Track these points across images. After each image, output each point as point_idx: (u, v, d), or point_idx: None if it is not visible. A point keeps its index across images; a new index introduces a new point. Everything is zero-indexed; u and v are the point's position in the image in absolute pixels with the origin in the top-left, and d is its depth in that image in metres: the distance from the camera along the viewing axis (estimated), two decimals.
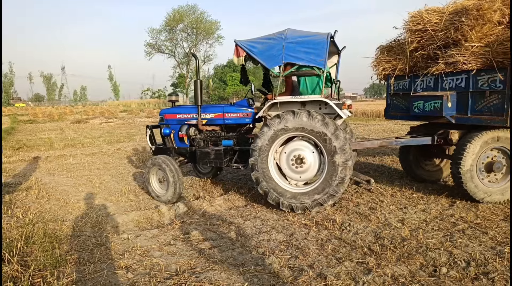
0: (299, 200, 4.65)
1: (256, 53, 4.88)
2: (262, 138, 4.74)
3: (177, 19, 54.01)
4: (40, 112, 32.02)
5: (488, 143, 4.84)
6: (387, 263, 3.23)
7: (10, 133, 16.50)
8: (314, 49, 4.64)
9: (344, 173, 4.49)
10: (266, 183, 4.76)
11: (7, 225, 4.27)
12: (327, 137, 4.46)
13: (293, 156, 4.74)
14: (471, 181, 4.84)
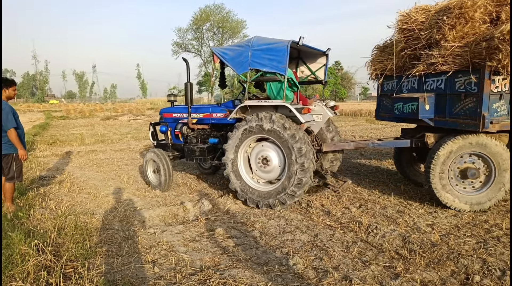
0: (263, 198, 4.93)
1: (227, 59, 5.17)
2: (232, 138, 5.08)
3: (203, 18, 54.65)
4: (72, 109, 33.35)
5: (462, 149, 4.61)
6: (416, 268, 3.12)
7: (45, 128, 17.27)
8: (276, 56, 4.80)
9: (302, 174, 4.66)
10: (236, 181, 5.11)
11: (41, 216, 4.47)
12: (287, 139, 4.67)
13: (260, 157, 5.04)
14: (441, 186, 4.67)
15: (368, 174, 6.89)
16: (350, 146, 5.68)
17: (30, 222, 4.28)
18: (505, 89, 4.31)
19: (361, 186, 5.96)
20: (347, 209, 4.78)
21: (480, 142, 4.54)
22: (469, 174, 4.62)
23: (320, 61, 6.15)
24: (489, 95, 4.28)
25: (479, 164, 4.66)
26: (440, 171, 4.66)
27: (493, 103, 4.37)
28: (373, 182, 6.21)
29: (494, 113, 4.39)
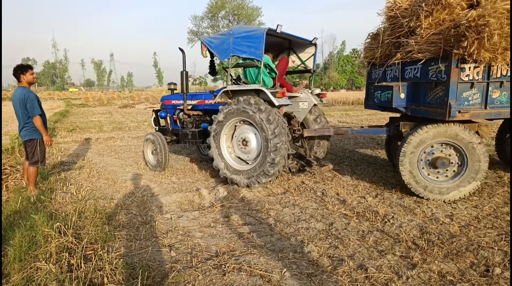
0: (241, 176, 5.26)
1: (213, 47, 5.53)
2: (215, 121, 5.44)
3: (219, 6, 54.22)
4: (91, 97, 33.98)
5: (432, 138, 4.57)
6: (434, 259, 3.07)
7: (65, 115, 17.69)
8: (253, 42, 5.06)
9: (275, 154, 4.92)
10: (219, 160, 5.47)
11: (62, 200, 4.61)
12: (262, 122, 4.94)
13: (240, 138, 5.36)
14: (410, 174, 4.66)
15: (385, 163, 6.79)
16: (330, 132, 5.88)
17: (52, 205, 4.41)
18: (477, 78, 4.21)
19: (377, 176, 5.88)
20: (363, 198, 4.73)
21: (450, 132, 4.49)
22: (439, 163, 4.58)
23: (309, 51, 6.38)
24: (457, 84, 4.23)
25: (451, 153, 4.62)
26: (410, 160, 4.65)
27: (463, 91, 4.30)
28: (390, 172, 6.12)
29: (465, 102, 4.32)
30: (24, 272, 2.76)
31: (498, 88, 4.31)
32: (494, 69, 4.19)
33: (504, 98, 4.33)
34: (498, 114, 4.39)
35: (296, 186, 5.37)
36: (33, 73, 4.78)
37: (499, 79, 4.25)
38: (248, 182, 5.18)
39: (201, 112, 6.37)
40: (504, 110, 4.35)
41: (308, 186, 5.33)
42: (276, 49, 6.60)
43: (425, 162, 4.72)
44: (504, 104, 4.35)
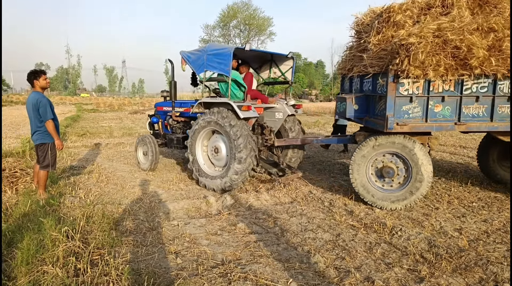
0: (211, 181, 5.65)
1: (190, 61, 5.97)
2: (192, 128, 5.92)
3: (231, 15, 54.87)
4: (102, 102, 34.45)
5: (378, 148, 4.79)
6: (442, 273, 3.03)
7: (76, 120, 17.94)
8: (223, 59, 5.50)
9: (239, 167, 5.30)
10: (193, 163, 5.92)
11: (71, 204, 4.66)
12: (227, 131, 5.35)
13: (212, 146, 5.81)
14: (360, 183, 4.87)
15: None
16: (298, 141, 6.23)
17: (61, 209, 4.47)
18: (417, 92, 4.42)
19: None
20: (370, 210, 4.69)
21: (397, 143, 4.69)
22: (385, 173, 4.77)
23: (288, 63, 6.85)
24: (395, 98, 4.44)
25: (398, 164, 4.79)
26: (358, 169, 4.87)
27: (403, 105, 4.51)
28: None
29: (404, 115, 4.53)
30: (31, 276, 2.79)
31: (440, 102, 4.49)
32: (435, 84, 4.38)
33: (447, 112, 4.51)
34: (440, 127, 4.56)
35: (304, 195, 5.35)
36: (46, 78, 4.88)
37: (440, 94, 4.43)
38: (216, 187, 5.58)
39: (188, 119, 6.77)
40: (445, 124, 4.52)
41: (315, 196, 5.31)
42: (259, 61, 7.18)
43: (373, 171, 4.94)
44: (448, 118, 4.52)
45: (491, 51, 4.14)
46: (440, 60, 4.20)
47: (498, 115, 4.46)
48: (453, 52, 4.19)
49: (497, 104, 4.42)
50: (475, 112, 4.48)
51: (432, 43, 4.18)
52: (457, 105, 4.48)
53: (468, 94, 4.42)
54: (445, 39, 4.16)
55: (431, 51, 4.18)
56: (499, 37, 4.09)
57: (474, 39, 4.06)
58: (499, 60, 4.13)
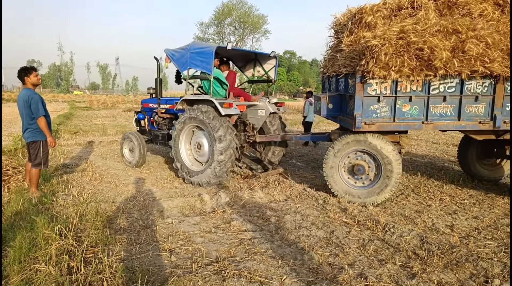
0: (193, 176, 5.79)
1: (174, 59, 6.08)
2: (176, 125, 6.04)
3: (225, 13, 54.62)
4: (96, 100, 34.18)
5: (351, 146, 4.94)
6: (433, 269, 3.07)
7: (69, 118, 17.79)
8: (205, 58, 5.63)
9: (221, 158, 5.48)
10: (177, 160, 6.06)
11: (64, 203, 4.63)
12: (209, 128, 5.53)
13: (196, 142, 5.98)
14: (332, 180, 5.05)
15: None
16: (278, 138, 6.45)
17: (54, 207, 4.44)
18: (385, 92, 4.56)
19: None
20: (364, 207, 4.73)
21: (368, 141, 4.82)
22: (356, 170, 4.97)
23: (271, 62, 7.01)
24: (362, 97, 4.59)
25: (369, 162, 4.95)
26: (331, 166, 5.05)
27: (371, 105, 4.65)
28: None
29: (373, 114, 4.68)
30: (23, 274, 2.77)
31: (408, 102, 4.61)
32: (402, 84, 4.52)
33: (415, 111, 4.63)
34: (408, 126, 4.70)
35: (298, 193, 5.37)
36: (37, 75, 4.82)
37: (408, 93, 4.56)
38: (200, 182, 5.73)
39: (173, 116, 6.86)
40: (413, 123, 4.65)
41: (310, 193, 5.33)
42: (244, 60, 7.36)
43: (345, 168, 5.11)
44: (416, 117, 4.65)
45: (455, 52, 4.26)
46: (404, 61, 4.33)
47: (466, 115, 4.59)
48: (416, 54, 4.34)
49: (464, 104, 4.55)
50: (443, 112, 4.61)
51: (395, 45, 4.31)
52: (424, 105, 4.60)
53: (435, 94, 4.54)
54: (409, 41, 4.28)
55: (395, 52, 4.32)
56: (462, 39, 4.21)
57: (436, 41, 4.19)
58: (463, 61, 4.25)
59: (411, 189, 5.63)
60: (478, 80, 4.41)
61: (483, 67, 4.22)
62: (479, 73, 4.30)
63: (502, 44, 4.18)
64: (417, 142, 10.61)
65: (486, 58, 4.18)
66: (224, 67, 6.81)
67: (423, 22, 4.39)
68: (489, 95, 4.47)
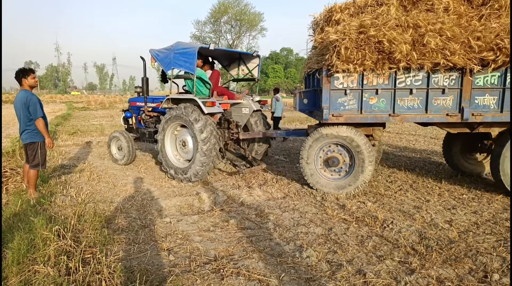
0: (178, 172, 5.97)
1: (159, 59, 6.24)
2: (161, 123, 6.21)
3: (222, 11, 54.51)
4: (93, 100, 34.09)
5: (325, 138, 5.11)
6: (432, 264, 3.07)
7: (66, 119, 17.74)
8: (188, 58, 5.76)
9: (203, 155, 5.66)
10: (162, 156, 6.23)
11: (62, 203, 4.62)
12: (192, 126, 5.67)
13: (180, 140, 6.14)
14: (308, 171, 5.23)
15: (385, 168, 6.79)
16: (260, 134, 6.64)
17: (52, 208, 4.42)
18: (352, 86, 4.76)
19: (377, 181, 5.87)
20: (362, 204, 4.73)
21: (341, 134, 4.99)
22: (330, 162, 5.14)
23: (254, 61, 7.25)
24: (329, 91, 4.81)
25: (343, 154, 5.14)
26: (307, 158, 5.21)
27: (338, 98, 4.86)
28: (390, 177, 6.11)
29: (340, 107, 4.89)
30: (22, 275, 2.76)
31: (375, 95, 4.77)
32: (369, 77, 4.69)
33: (383, 104, 4.80)
34: (375, 118, 4.87)
35: (296, 190, 5.37)
36: (34, 77, 4.80)
37: (374, 87, 4.72)
38: (183, 178, 5.90)
39: (160, 114, 6.94)
40: (380, 115, 4.83)
41: (307, 190, 5.33)
42: (228, 60, 7.59)
43: (321, 160, 5.27)
44: (383, 110, 4.81)
45: (415, 45, 4.39)
46: (366, 55, 4.50)
47: (434, 107, 4.71)
48: (377, 47, 4.49)
49: (431, 97, 4.67)
50: (410, 104, 4.75)
51: (356, 39, 4.50)
52: (391, 98, 4.72)
53: (402, 87, 4.68)
54: (368, 35, 4.44)
55: (356, 46, 4.51)
56: (422, 33, 4.34)
57: (394, 34, 4.33)
58: (425, 54, 4.37)
59: (409, 184, 5.64)
60: (445, 73, 4.53)
61: (444, 59, 4.34)
62: (443, 66, 4.41)
63: (463, 37, 4.29)
64: (415, 137, 10.63)
65: (447, 51, 4.32)
66: (208, 66, 7.01)
67: (383, 17, 4.57)
68: (456, 88, 4.59)
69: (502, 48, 4.22)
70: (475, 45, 4.26)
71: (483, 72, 4.43)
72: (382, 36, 4.37)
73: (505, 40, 4.17)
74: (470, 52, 4.32)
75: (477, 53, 4.31)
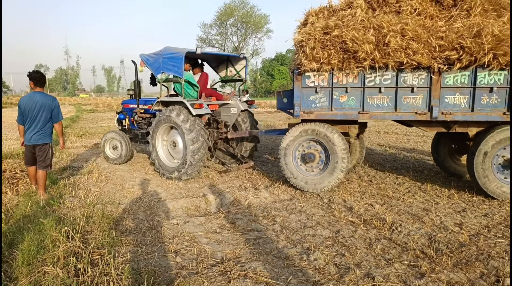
0: (170, 172, 6.22)
1: (149, 64, 6.50)
2: (152, 124, 6.47)
3: (228, 13, 54.76)
4: (101, 102, 34.41)
5: (301, 135, 5.29)
6: (442, 268, 3.02)
7: (75, 121, 17.93)
8: (176, 62, 6.01)
9: (193, 155, 5.90)
10: (155, 156, 6.49)
11: (71, 205, 4.66)
12: (182, 127, 5.93)
13: (171, 141, 6.40)
14: (288, 170, 5.39)
15: (393, 170, 6.72)
16: (246, 134, 6.91)
17: (61, 209, 4.47)
18: (322, 84, 5.00)
19: (385, 183, 5.82)
20: (370, 206, 4.69)
21: (316, 131, 5.17)
22: (307, 158, 5.31)
23: (242, 63, 7.52)
24: (301, 88, 5.08)
25: (319, 150, 5.30)
26: (286, 155, 5.37)
27: (310, 95, 5.11)
28: (398, 179, 6.05)
29: (312, 104, 5.14)
30: (31, 276, 2.79)
31: (345, 93, 4.96)
32: (339, 76, 4.90)
33: (353, 102, 4.99)
34: (344, 116, 5.07)
35: (303, 192, 5.34)
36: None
37: (344, 85, 4.92)
38: (174, 176, 6.15)
39: (152, 115, 7.19)
40: (350, 113, 5.02)
41: (314, 192, 5.30)
42: (217, 62, 7.85)
43: (299, 157, 5.44)
44: (353, 107, 4.99)
45: (379, 45, 4.57)
46: (331, 54, 4.71)
47: (403, 105, 4.81)
48: (342, 47, 4.70)
49: (401, 95, 4.78)
50: (380, 103, 4.89)
51: (321, 40, 4.73)
52: (361, 96, 4.91)
53: (371, 86, 4.84)
54: (333, 35, 4.65)
55: (322, 46, 4.74)
56: (384, 33, 4.49)
57: (357, 34, 4.52)
58: (389, 53, 4.53)
59: (417, 186, 5.57)
60: (413, 73, 4.65)
61: (408, 58, 4.48)
62: (408, 65, 4.54)
63: (426, 36, 4.40)
64: (423, 138, 10.52)
65: (409, 50, 4.45)
66: (197, 69, 7.26)
67: (348, 18, 4.75)
68: (426, 87, 4.68)
69: (464, 47, 4.30)
70: (437, 44, 4.39)
71: (451, 71, 4.51)
72: (345, 36, 4.59)
73: (467, 40, 4.26)
74: (435, 52, 4.43)
75: (440, 53, 4.43)
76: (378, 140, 10.41)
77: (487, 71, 4.43)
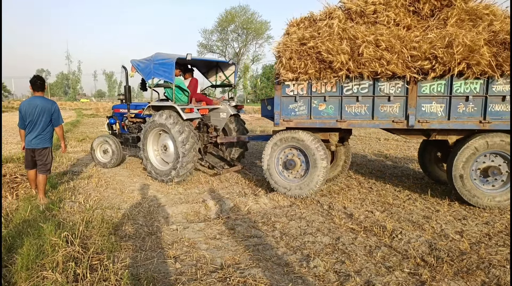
0: (162, 175, 6.33)
1: (140, 69, 6.63)
2: (143, 129, 6.60)
3: (229, 20, 55.02)
4: (102, 107, 34.49)
5: (281, 142, 5.41)
6: (443, 276, 3.01)
7: (76, 125, 17.95)
8: (167, 68, 6.15)
9: (184, 156, 5.99)
10: (146, 160, 6.59)
11: (70, 209, 4.65)
12: (172, 130, 6.03)
13: (162, 145, 6.50)
14: (270, 176, 5.52)
15: (393, 177, 6.72)
16: (234, 139, 7.04)
17: (61, 214, 4.46)
18: (302, 93, 5.13)
19: (386, 190, 5.81)
20: (370, 213, 4.68)
21: (296, 138, 5.26)
22: (288, 164, 5.40)
23: (231, 68, 7.70)
24: (281, 97, 5.24)
25: (300, 157, 5.39)
26: (268, 162, 5.50)
27: (290, 104, 5.25)
28: (399, 186, 6.05)
29: (292, 113, 5.27)
30: (30, 281, 2.78)
31: (323, 101, 5.07)
32: (317, 85, 5.02)
33: (331, 110, 5.09)
34: (323, 123, 5.16)
35: (303, 199, 5.33)
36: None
37: (322, 94, 5.03)
38: (166, 179, 6.25)
39: (142, 120, 7.25)
40: (328, 121, 5.12)
41: (314, 199, 5.30)
42: (207, 67, 7.97)
43: (281, 164, 5.53)
44: (331, 116, 5.09)
45: (354, 55, 4.65)
46: (308, 64, 4.83)
47: (380, 114, 4.87)
48: (318, 57, 4.80)
49: (378, 104, 4.85)
50: (357, 111, 4.98)
51: (297, 50, 4.85)
52: (339, 105, 5.01)
53: (349, 95, 4.93)
54: (308, 46, 4.74)
55: (299, 57, 4.86)
56: (358, 44, 4.58)
57: (330, 45, 4.61)
58: (364, 63, 4.61)
59: (418, 194, 5.56)
60: (390, 82, 4.72)
61: (382, 68, 4.55)
62: (383, 75, 4.61)
63: (400, 47, 4.47)
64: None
65: (383, 60, 4.51)
66: (188, 75, 7.47)
67: (324, 29, 4.83)
68: (402, 95, 4.74)
69: (437, 57, 4.35)
70: (409, 55, 4.45)
71: (427, 80, 4.57)
72: (320, 47, 4.69)
73: (439, 50, 4.32)
74: (409, 62, 4.48)
75: (414, 62, 4.47)
76: (378, 147, 10.41)
77: (462, 80, 4.48)
